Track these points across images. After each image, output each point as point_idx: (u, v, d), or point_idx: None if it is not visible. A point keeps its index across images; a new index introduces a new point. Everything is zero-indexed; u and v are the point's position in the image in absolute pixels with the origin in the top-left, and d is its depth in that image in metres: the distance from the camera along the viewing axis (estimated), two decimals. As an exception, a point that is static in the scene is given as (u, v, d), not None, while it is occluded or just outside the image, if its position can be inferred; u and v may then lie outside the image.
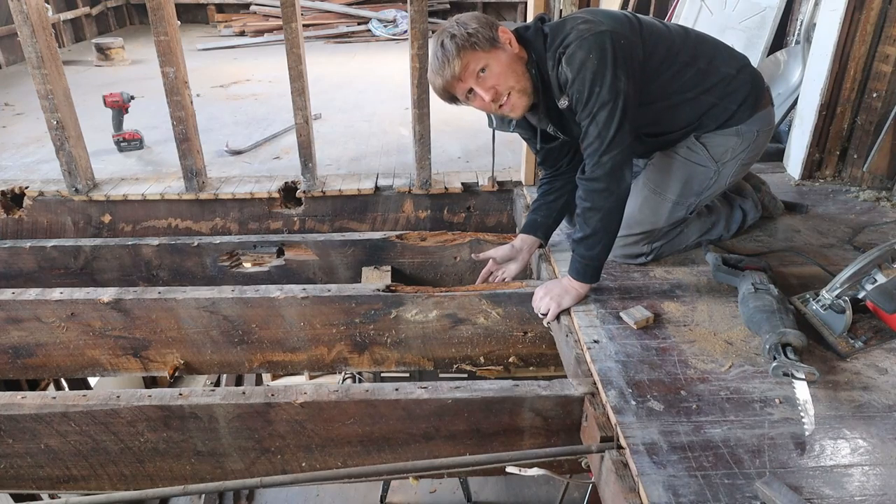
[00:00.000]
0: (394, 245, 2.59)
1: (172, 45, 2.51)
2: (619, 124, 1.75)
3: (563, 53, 1.75)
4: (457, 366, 2.30)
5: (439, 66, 1.76)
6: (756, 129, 2.02)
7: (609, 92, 1.72)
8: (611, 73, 1.72)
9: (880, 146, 2.59)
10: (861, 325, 1.74)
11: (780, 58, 3.34)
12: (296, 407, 1.66)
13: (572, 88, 1.77)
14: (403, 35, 6.65)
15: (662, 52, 1.89)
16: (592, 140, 1.79)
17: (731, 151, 2.03)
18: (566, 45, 1.74)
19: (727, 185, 2.11)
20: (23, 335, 2.23)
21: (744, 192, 2.33)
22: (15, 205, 2.87)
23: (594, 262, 1.89)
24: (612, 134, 1.76)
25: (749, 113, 2.00)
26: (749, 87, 2.00)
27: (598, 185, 1.80)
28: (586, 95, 1.75)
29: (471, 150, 3.33)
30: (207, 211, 2.88)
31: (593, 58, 1.71)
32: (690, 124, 2.01)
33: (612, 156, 1.77)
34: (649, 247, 2.12)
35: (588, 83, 1.73)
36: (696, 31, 2.03)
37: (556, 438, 1.71)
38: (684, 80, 1.93)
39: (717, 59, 1.98)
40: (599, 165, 1.79)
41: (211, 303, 2.15)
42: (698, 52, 1.95)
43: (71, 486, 1.81)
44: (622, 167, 1.80)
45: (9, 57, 5.57)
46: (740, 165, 2.07)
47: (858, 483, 1.31)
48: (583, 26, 1.74)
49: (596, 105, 1.74)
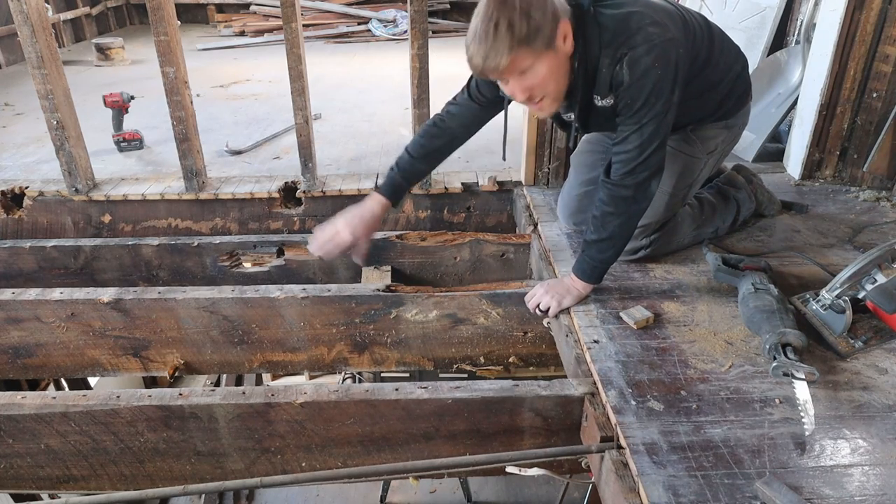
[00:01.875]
0: (394, 245, 2.59)
1: (172, 45, 2.51)
2: (662, 139, 1.73)
3: (627, 55, 1.65)
4: (457, 366, 2.30)
5: (486, 50, 1.57)
6: (741, 122, 2.12)
7: (663, 105, 1.69)
8: (670, 87, 1.68)
9: (880, 146, 2.59)
10: (861, 325, 1.74)
11: (780, 58, 3.34)
12: (296, 407, 1.66)
13: (626, 91, 1.69)
14: (403, 35, 6.65)
15: (703, 55, 1.88)
16: (632, 148, 1.73)
17: (721, 143, 2.10)
18: (633, 46, 1.64)
19: (709, 173, 2.20)
20: (23, 335, 2.23)
21: (736, 184, 2.36)
22: (15, 205, 2.86)
23: (603, 265, 1.89)
24: (655, 147, 1.72)
25: (738, 108, 2.08)
26: (744, 85, 2.06)
27: (625, 193, 1.77)
28: (640, 104, 1.69)
29: (471, 150, 3.31)
30: (207, 211, 2.88)
31: (658, 67, 1.65)
32: (692, 117, 2.02)
33: (648, 167, 1.74)
34: (648, 239, 2.13)
35: (646, 93, 1.67)
36: (714, 26, 2.00)
37: (556, 438, 1.71)
38: (702, 79, 1.92)
39: (729, 57, 1.99)
40: (633, 175, 1.75)
41: (211, 303, 2.15)
42: (714, 50, 1.94)
43: (71, 486, 1.81)
44: (652, 179, 1.78)
45: (9, 57, 5.56)
46: (721, 156, 2.17)
47: (858, 483, 1.31)
48: (652, 30, 1.65)
49: (647, 116, 1.69)
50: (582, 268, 1.91)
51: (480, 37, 1.57)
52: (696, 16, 1.93)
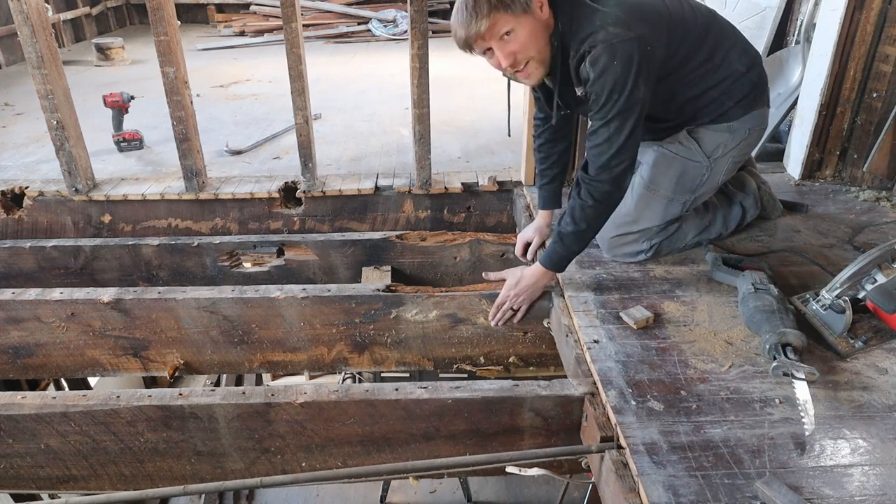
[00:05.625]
0: (394, 245, 2.59)
1: (172, 45, 2.51)
2: (630, 132, 1.76)
3: (589, 53, 1.72)
4: (457, 366, 2.30)
5: (466, 19, 1.70)
6: (748, 127, 2.04)
7: (626, 101, 1.73)
8: (632, 82, 1.71)
9: (880, 146, 2.59)
10: (861, 325, 1.74)
11: (780, 58, 3.34)
12: (296, 407, 1.66)
13: (591, 87, 1.76)
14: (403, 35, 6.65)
15: (683, 52, 1.88)
16: (601, 142, 1.78)
17: (723, 147, 2.04)
18: (592, 45, 1.70)
19: (720, 181, 2.13)
20: (23, 335, 2.23)
21: (746, 189, 2.32)
22: (15, 205, 2.86)
23: (573, 254, 1.97)
24: (623, 141, 1.76)
25: (743, 111, 2.01)
26: (750, 87, 2.00)
27: (604, 188, 1.82)
28: (603, 100, 1.74)
29: (471, 150, 3.32)
30: (207, 211, 2.88)
31: (617, 65, 1.69)
32: (686, 117, 2.02)
33: (620, 160, 1.79)
34: (648, 243, 2.13)
35: (608, 89, 1.72)
36: (720, 21, 1.99)
37: (556, 438, 1.71)
38: (694, 77, 1.93)
39: (732, 54, 1.97)
40: (607, 169, 1.80)
41: (211, 303, 2.15)
42: (716, 47, 1.94)
43: (71, 486, 1.81)
44: (626, 172, 1.82)
45: (9, 57, 5.57)
46: (732, 162, 2.10)
47: (858, 483, 1.31)
48: (612, 30, 1.69)
49: (611, 112, 1.74)
50: (552, 259, 1.96)
51: (460, 12, 1.72)
52: (696, 13, 1.92)
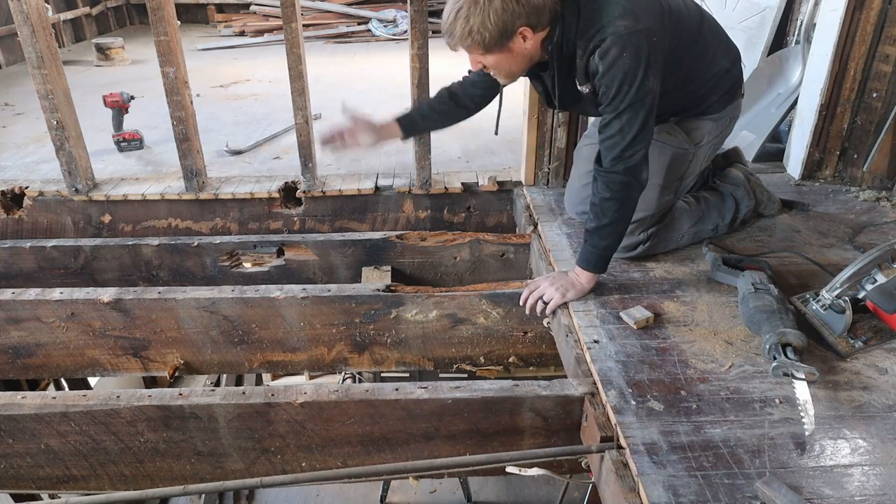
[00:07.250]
0: (394, 245, 2.59)
1: (172, 45, 2.51)
2: (643, 123, 1.78)
3: (598, 47, 1.74)
4: (457, 366, 2.30)
5: (447, 31, 1.77)
6: (728, 116, 2.14)
7: (638, 92, 1.75)
8: (642, 73, 1.73)
9: (880, 146, 2.59)
10: (861, 325, 1.74)
11: (781, 57, 3.34)
12: (296, 407, 1.66)
13: (601, 81, 1.78)
14: (403, 35, 6.65)
15: (681, 48, 1.91)
16: (614, 133, 1.80)
17: (708, 135, 2.12)
18: (601, 39, 1.73)
19: (702, 167, 2.21)
20: (23, 335, 2.23)
21: (734, 181, 2.37)
22: (15, 205, 2.86)
23: (606, 251, 1.93)
24: (636, 132, 1.78)
25: (725, 104, 2.10)
26: (732, 82, 2.09)
27: (620, 178, 1.83)
28: (614, 92, 1.76)
29: (471, 150, 3.32)
30: (207, 211, 2.88)
31: (627, 56, 1.72)
32: (675, 109, 2.06)
33: (634, 151, 1.80)
34: (645, 234, 2.14)
35: (618, 81, 1.74)
36: (708, 17, 2.04)
37: (556, 438, 1.71)
38: (685, 73, 1.97)
39: (719, 52, 2.03)
40: (622, 160, 1.81)
41: (211, 303, 2.15)
42: (707, 45, 1.98)
43: (71, 486, 1.81)
44: (642, 162, 1.83)
45: (9, 57, 5.56)
46: (711, 149, 2.19)
47: (858, 483, 1.32)
48: (620, 22, 1.72)
49: (623, 103, 1.76)
50: (586, 258, 1.94)
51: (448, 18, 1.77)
52: (689, 10, 1.96)
